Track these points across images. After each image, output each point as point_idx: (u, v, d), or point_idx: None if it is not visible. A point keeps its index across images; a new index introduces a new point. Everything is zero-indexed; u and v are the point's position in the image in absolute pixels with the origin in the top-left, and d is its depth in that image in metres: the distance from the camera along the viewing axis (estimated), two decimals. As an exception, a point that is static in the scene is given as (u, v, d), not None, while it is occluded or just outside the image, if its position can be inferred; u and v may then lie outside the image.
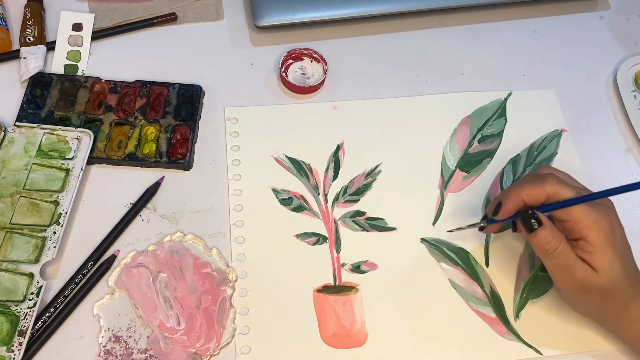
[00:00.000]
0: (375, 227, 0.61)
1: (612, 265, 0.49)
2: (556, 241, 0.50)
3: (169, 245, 0.58)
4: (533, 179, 0.52)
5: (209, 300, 0.55)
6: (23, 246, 0.56)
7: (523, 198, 0.51)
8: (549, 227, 0.50)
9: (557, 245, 0.50)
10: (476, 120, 0.68)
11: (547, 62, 0.73)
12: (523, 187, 0.51)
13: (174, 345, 0.53)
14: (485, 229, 0.57)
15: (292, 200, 0.61)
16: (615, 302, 0.51)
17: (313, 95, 0.68)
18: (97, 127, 0.63)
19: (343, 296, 0.57)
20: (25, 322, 0.52)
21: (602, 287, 0.50)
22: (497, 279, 0.59)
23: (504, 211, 0.52)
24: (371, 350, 0.55)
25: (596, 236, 0.49)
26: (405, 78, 0.70)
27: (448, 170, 0.65)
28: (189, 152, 0.62)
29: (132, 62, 0.68)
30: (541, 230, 0.50)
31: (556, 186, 0.50)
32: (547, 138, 0.68)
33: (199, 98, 0.66)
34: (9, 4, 0.71)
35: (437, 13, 0.75)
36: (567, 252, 0.50)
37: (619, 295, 0.51)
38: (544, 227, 0.50)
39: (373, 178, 0.64)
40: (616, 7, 0.79)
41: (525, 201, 0.51)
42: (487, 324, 0.57)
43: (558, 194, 0.50)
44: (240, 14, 0.74)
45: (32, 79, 0.65)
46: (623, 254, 0.51)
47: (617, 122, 0.70)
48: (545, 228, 0.50)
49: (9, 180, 0.59)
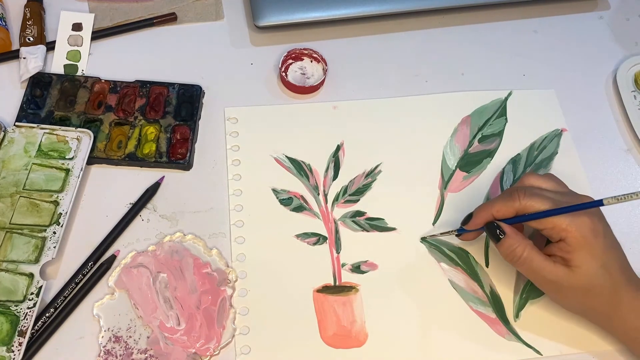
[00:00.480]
0: (375, 227, 0.61)
1: (589, 263, 0.51)
2: (520, 248, 0.52)
3: (169, 246, 0.58)
4: (504, 195, 0.54)
5: (209, 300, 0.55)
6: (23, 246, 0.56)
7: (493, 213, 0.54)
8: (512, 236, 0.53)
9: (521, 252, 0.52)
10: (476, 119, 0.68)
11: (547, 62, 0.73)
12: (493, 204, 0.54)
13: (174, 346, 0.53)
14: (460, 236, 0.59)
15: (292, 200, 0.61)
16: (600, 300, 0.52)
17: (313, 95, 0.68)
18: (97, 127, 0.63)
19: (343, 296, 0.57)
20: (25, 322, 0.52)
21: (580, 286, 0.51)
22: (497, 279, 0.59)
23: (472, 223, 0.55)
24: (371, 350, 0.55)
25: (573, 236, 0.51)
26: (405, 78, 0.70)
27: (448, 170, 0.65)
28: (189, 152, 0.62)
29: (132, 62, 0.68)
30: (504, 240, 0.53)
31: (524, 201, 0.52)
32: (548, 138, 0.68)
33: (199, 98, 0.66)
34: (9, 4, 0.71)
35: (437, 13, 0.75)
36: (532, 257, 0.52)
37: (602, 293, 0.51)
38: (507, 236, 0.53)
39: (373, 178, 0.64)
40: (616, 7, 0.79)
41: (495, 217, 0.54)
42: (487, 324, 0.57)
43: (526, 208, 0.52)
44: (240, 14, 0.74)
45: (32, 79, 0.65)
46: (606, 252, 0.51)
47: (617, 122, 0.70)
48: (508, 237, 0.53)
49: (8, 180, 0.59)
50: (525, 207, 0.52)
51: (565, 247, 0.51)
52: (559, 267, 0.51)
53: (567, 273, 0.51)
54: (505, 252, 0.53)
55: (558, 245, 0.52)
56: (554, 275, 0.51)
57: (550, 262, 0.52)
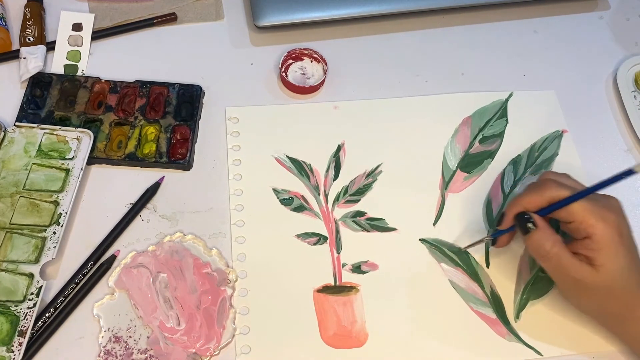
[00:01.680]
0: (376, 227, 0.61)
1: (615, 263, 0.50)
2: (550, 243, 0.51)
3: (169, 246, 0.58)
4: (533, 186, 0.53)
5: (209, 300, 0.55)
6: (23, 246, 0.56)
7: (525, 205, 0.53)
8: (542, 229, 0.52)
9: (550, 247, 0.51)
10: (477, 120, 0.68)
11: (547, 62, 0.73)
12: (524, 196, 0.53)
13: (174, 346, 0.53)
14: (496, 243, 0.58)
15: (292, 200, 0.61)
16: (618, 301, 0.51)
17: (313, 95, 0.68)
18: (97, 127, 0.63)
19: (343, 296, 0.57)
20: (25, 322, 0.52)
21: (603, 286, 0.50)
22: (497, 279, 0.59)
23: (506, 220, 0.54)
24: (371, 350, 0.55)
25: (600, 234, 0.50)
26: (405, 78, 0.70)
27: (449, 171, 0.65)
28: (189, 152, 0.62)
29: (132, 62, 0.68)
30: (534, 232, 0.52)
31: (555, 190, 0.52)
32: (548, 139, 0.68)
33: (199, 98, 0.66)
34: (9, 4, 0.71)
35: (437, 13, 0.75)
36: (561, 254, 0.51)
37: (622, 295, 0.51)
38: (538, 229, 0.52)
39: (374, 178, 0.63)
40: (616, 7, 0.79)
41: (527, 208, 0.53)
42: (488, 324, 0.57)
43: (558, 197, 0.51)
44: (240, 14, 0.74)
45: (32, 79, 0.65)
46: (629, 253, 0.51)
47: (617, 123, 0.70)
48: (539, 230, 0.52)
49: (9, 180, 0.59)
50: (557, 196, 0.51)
51: (590, 245, 0.50)
52: (584, 265, 0.50)
53: (591, 272, 0.50)
54: (534, 246, 0.52)
55: (583, 243, 0.51)
56: (579, 274, 0.50)
57: (577, 260, 0.51)
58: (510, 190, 0.64)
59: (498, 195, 0.64)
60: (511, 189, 0.64)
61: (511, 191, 0.64)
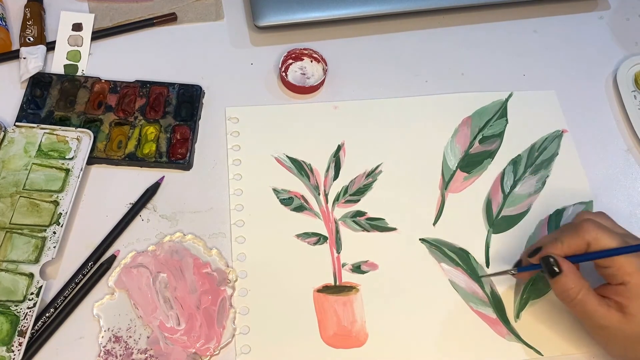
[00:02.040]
0: (376, 227, 0.61)
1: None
2: (576, 289, 0.50)
3: (169, 246, 0.58)
4: (571, 227, 0.52)
5: (208, 300, 0.55)
6: (23, 246, 0.56)
7: (564, 250, 0.52)
8: (569, 274, 0.51)
9: (576, 293, 0.50)
10: (477, 120, 0.68)
11: (547, 62, 0.73)
12: (563, 238, 0.52)
13: (174, 346, 0.53)
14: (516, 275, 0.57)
15: (292, 200, 0.61)
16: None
17: (313, 95, 0.68)
18: (97, 127, 0.63)
19: (343, 296, 0.57)
20: (25, 322, 0.52)
21: (632, 335, 0.49)
22: (497, 279, 0.59)
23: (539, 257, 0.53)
24: (371, 350, 0.55)
25: (636, 283, 0.49)
26: (405, 78, 0.70)
27: (449, 171, 0.65)
28: (189, 152, 0.62)
29: (132, 62, 0.68)
30: (560, 277, 0.51)
31: (594, 233, 0.50)
32: (548, 139, 0.68)
33: (199, 98, 0.66)
34: (9, 4, 0.71)
35: (437, 13, 0.75)
36: (586, 300, 0.50)
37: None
38: (564, 274, 0.51)
39: (374, 178, 0.63)
40: (616, 7, 0.79)
41: (565, 252, 0.52)
42: (488, 324, 0.57)
43: (597, 241, 0.50)
44: (240, 14, 0.74)
45: (32, 79, 0.65)
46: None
47: (617, 123, 0.70)
48: (564, 275, 0.51)
49: (9, 180, 0.59)
50: (597, 239, 0.50)
51: (624, 292, 0.49)
52: (612, 312, 0.49)
53: (620, 319, 0.49)
54: (559, 290, 0.51)
55: (616, 289, 0.50)
56: (607, 320, 0.49)
57: (605, 305, 0.50)
58: (510, 190, 0.64)
59: (498, 195, 0.64)
60: (511, 189, 0.64)
61: (511, 191, 0.64)
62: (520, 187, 0.64)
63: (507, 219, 0.62)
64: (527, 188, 0.64)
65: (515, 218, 0.63)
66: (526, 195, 0.64)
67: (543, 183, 0.65)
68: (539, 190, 0.64)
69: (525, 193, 0.64)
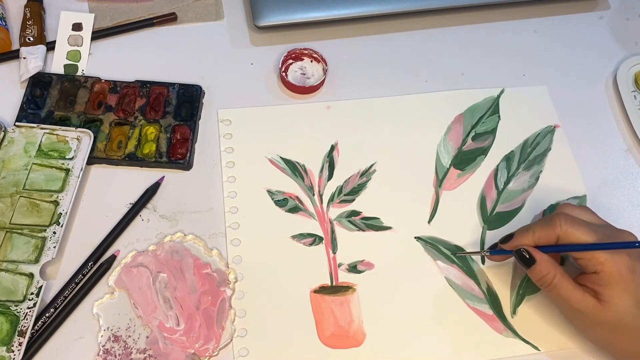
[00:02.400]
0: (371, 226, 0.61)
1: (621, 300, 0.50)
2: (550, 275, 0.52)
3: (170, 246, 0.58)
4: (544, 221, 0.54)
5: (208, 301, 0.55)
6: (23, 246, 0.56)
7: (534, 240, 0.54)
8: (541, 263, 0.52)
9: (551, 279, 0.52)
10: (469, 117, 0.68)
11: (547, 62, 0.73)
12: (535, 229, 0.54)
13: (173, 346, 0.53)
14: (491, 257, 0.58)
15: (287, 201, 0.61)
16: (628, 338, 0.51)
17: (313, 95, 0.68)
18: (97, 127, 0.63)
19: (340, 296, 0.57)
20: (25, 322, 0.52)
21: (609, 321, 0.50)
22: (493, 276, 0.59)
23: (511, 244, 0.55)
24: (369, 350, 0.55)
25: (609, 271, 0.50)
26: (405, 78, 0.71)
27: (442, 168, 0.65)
28: (189, 152, 0.62)
29: (132, 62, 0.68)
30: (535, 266, 0.53)
31: (566, 227, 0.52)
32: (541, 134, 0.68)
33: (199, 98, 0.66)
34: (9, 4, 0.71)
35: (437, 13, 0.75)
36: (561, 284, 0.52)
37: (632, 332, 0.50)
38: (537, 262, 0.52)
39: (368, 177, 0.64)
40: (616, 7, 0.79)
41: (536, 242, 0.54)
42: (484, 321, 0.57)
43: (568, 235, 0.52)
44: (240, 14, 0.74)
45: (32, 79, 0.65)
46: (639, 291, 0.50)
47: (617, 122, 0.70)
48: (538, 264, 0.53)
49: (9, 180, 0.59)
50: (567, 234, 0.52)
51: (598, 280, 0.51)
52: (587, 298, 0.51)
53: (595, 305, 0.50)
54: (536, 278, 0.53)
55: (591, 277, 0.51)
56: (582, 305, 0.51)
57: (580, 291, 0.51)
58: (504, 186, 0.64)
59: (492, 192, 0.64)
60: (505, 185, 0.64)
61: (505, 187, 0.64)
62: (514, 183, 0.64)
63: (502, 215, 0.63)
64: (521, 184, 0.65)
65: (509, 214, 0.63)
66: (520, 191, 0.64)
67: (536, 178, 0.65)
68: (533, 185, 0.65)
69: (519, 189, 0.64)
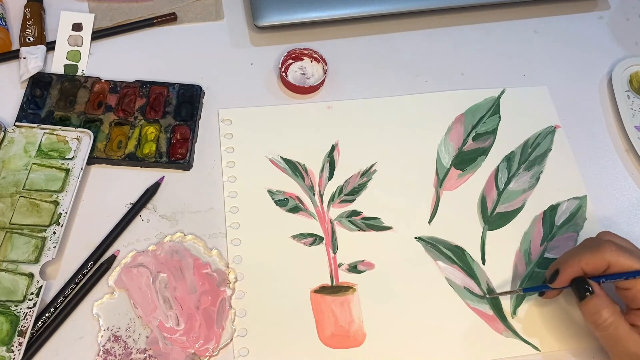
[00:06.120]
0: (372, 226, 0.61)
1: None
2: (607, 312, 0.49)
3: (169, 246, 0.58)
4: (591, 246, 0.51)
5: (208, 300, 0.55)
6: (23, 246, 0.56)
7: (582, 267, 0.50)
8: (600, 296, 0.49)
9: (608, 316, 0.49)
10: (470, 118, 0.68)
11: (547, 62, 0.73)
12: (582, 256, 0.51)
13: (173, 346, 0.53)
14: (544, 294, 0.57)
15: (287, 201, 0.61)
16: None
17: (313, 95, 0.68)
18: (97, 127, 0.63)
19: (340, 296, 0.57)
20: (25, 322, 0.52)
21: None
22: (493, 276, 0.59)
23: (561, 279, 0.52)
24: (369, 350, 0.55)
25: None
26: (405, 78, 0.71)
27: (443, 169, 0.65)
28: (189, 152, 0.62)
29: (132, 62, 0.68)
30: (591, 299, 0.49)
31: (615, 254, 0.49)
32: (541, 135, 0.68)
33: (199, 98, 0.66)
34: (9, 4, 0.71)
35: (437, 13, 0.75)
36: (618, 324, 0.48)
37: None
38: (595, 295, 0.49)
39: (368, 177, 0.64)
40: (616, 7, 0.79)
41: (584, 270, 0.51)
42: (485, 321, 0.57)
43: (618, 262, 0.49)
44: (240, 14, 0.74)
45: (32, 79, 0.65)
46: None
47: (615, 123, 0.70)
48: (596, 297, 0.49)
49: (8, 180, 0.59)
50: (617, 260, 0.49)
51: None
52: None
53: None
54: (589, 312, 0.49)
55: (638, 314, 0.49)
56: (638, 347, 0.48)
57: (636, 332, 0.48)
58: (504, 186, 0.64)
59: (492, 192, 0.64)
60: (505, 186, 0.64)
61: (505, 187, 0.64)
62: (515, 184, 0.65)
63: (502, 215, 0.63)
64: (521, 184, 0.65)
65: (510, 214, 0.63)
66: (520, 191, 0.64)
67: (537, 179, 0.65)
68: (533, 186, 0.65)
69: (520, 189, 0.64)
